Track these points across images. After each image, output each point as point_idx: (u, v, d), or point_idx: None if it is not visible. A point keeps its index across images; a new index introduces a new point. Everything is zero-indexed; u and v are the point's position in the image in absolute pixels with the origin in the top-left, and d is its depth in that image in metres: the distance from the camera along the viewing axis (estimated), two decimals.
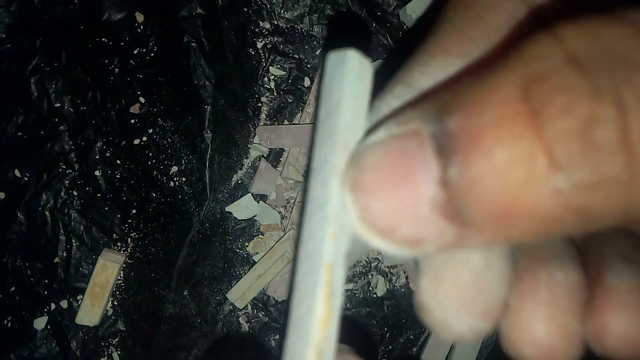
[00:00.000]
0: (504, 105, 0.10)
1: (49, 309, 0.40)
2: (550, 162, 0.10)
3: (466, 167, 0.11)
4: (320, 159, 0.13)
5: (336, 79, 0.13)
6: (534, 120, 0.10)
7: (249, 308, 0.43)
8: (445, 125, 0.11)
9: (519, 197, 0.10)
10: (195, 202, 0.42)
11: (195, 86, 0.42)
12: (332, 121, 0.13)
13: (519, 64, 0.11)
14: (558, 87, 0.10)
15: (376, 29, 0.45)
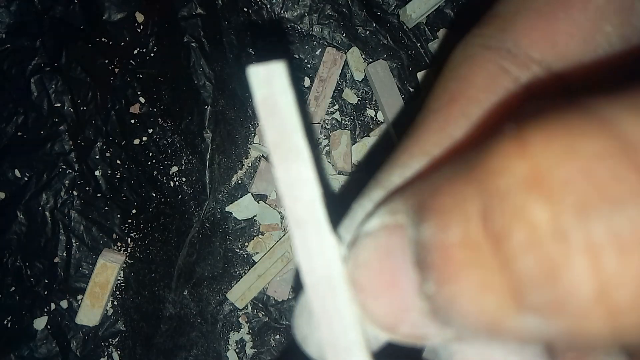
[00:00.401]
0: (467, 224, 0.09)
1: (49, 309, 0.40)
2: (519, 304, 0.09)
3: (439, 286, 0.10)
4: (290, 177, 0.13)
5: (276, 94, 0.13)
6: (495, 250, 0.09)
7: (249, 308, 0.43)
8: (419, 234, 0.10)
9: (498, 322, 0.09)
10: (195, 202, 0.42)
11: (195, 86, 0.42)
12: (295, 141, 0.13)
13: (479, 172, 0.09)
14: (516, 217, 0.08)
15: (376, 29, 0.45)
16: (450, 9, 0.46)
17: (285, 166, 0.13)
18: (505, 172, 0.09)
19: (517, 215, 0.08)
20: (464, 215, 0.09)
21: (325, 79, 0.44)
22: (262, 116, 0.13)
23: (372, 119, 0.45)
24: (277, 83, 0.13)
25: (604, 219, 0.08)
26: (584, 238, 0.08)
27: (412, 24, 0.45)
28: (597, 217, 0.08)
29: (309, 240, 0.13)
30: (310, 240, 0.13)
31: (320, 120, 0.44)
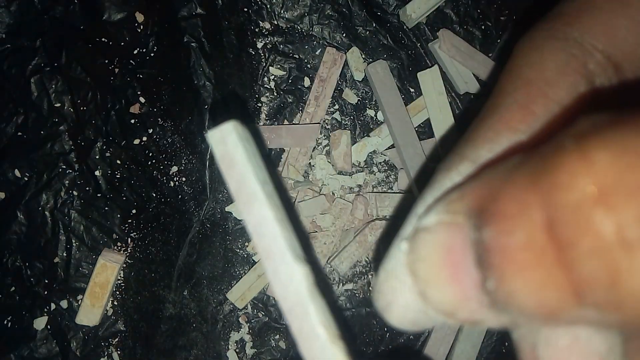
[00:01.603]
0: (531, 230, 0.10)
1: (49, 309, 0.40)
2: (578, 302, 0.10)
3: (501, 284, 0.11)
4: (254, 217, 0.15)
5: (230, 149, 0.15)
6: (560, 257, 0.10)
7: (249, 308, 0.43)
8: (481, 236, 0.11)
9: (557, 313, 0.10)
10: (195, 202, 0.42)
11: (195, 86, 0.42)
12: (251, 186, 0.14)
13: (544, 183, 0.10)
14: (584, 227, 0.09)
15: (376, 29, 0.45)
16: (450, 9, 0.46)
17: (248, 209, 0.14)
18: (572, 188, 0.09)
19: (584, 226, 0.09)
20: (529, 223, 0.10)
21: (325, 79, 0.44)
22: (222, 170, 0.15)
23: (372, 119, 0.45)
24: (230, 140, 0.14)
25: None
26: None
27: (412, 24, 0.45)
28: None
29: (278, 271, 0.14)
30: (280, 270, 0.14)
31: (320, 120, 0.44)
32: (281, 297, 0.14)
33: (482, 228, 0.11)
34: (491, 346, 0.45)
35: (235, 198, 0.15)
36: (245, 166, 0.14)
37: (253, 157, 0.15)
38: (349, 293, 0.44)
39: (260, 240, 0.14)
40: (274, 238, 0.14)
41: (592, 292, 0.09)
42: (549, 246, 0.10)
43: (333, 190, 0.44)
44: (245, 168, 0.14)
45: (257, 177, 0.14)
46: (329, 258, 0.43)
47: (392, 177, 0.45)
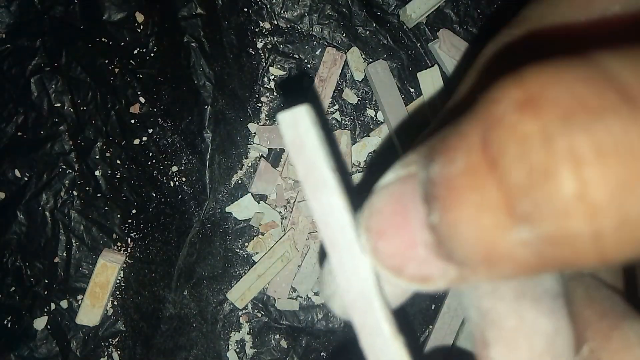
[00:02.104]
0: (469, 154, 0.10)
1: (49, 309, 0.40)
2: (511, 215, 0.10)
3: (443, 213, 0.11)
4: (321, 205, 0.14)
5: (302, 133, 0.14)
6: (492, 170, 0.10)
7: (249, 308, 0.43)
8: (429, 172, 0.11)
9: (494, 243, 0.10)
10: (195, 202, 0.42)
11: (195, 86, 0.42)
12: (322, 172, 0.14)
13: (480, 108, 0.10)
14: (511, 134, 0.10)
15: (376, 29, 0.45)
16: (450, 9, 0.46)
17: (315, 196, 0.14)
18: (502, 99, 0.10)
19: (510, 132, 0.09)
20: (467, 147, 0.10)
21: (325, 79, 0.44)
22: (292, 154, 0.14)
23: (372, 119, 0.45)
24: (302, 124, 0.14)
25: (585, 128, 0.09)
26: (567, 145, 0.09)
27: (412, 24, 0.45)
28: (579, 126, 0.09)
29: (343, 261, 0.14)
30: (345, 261, 0.14)
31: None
32: (344, 289, 0.14)
33: (430, 165, 0.11)
34: None
35: (303, 184, 0.14)
36: (317, 151, 0.14)
37: (323, 143, 0.14)
38: None
39: (326, 229, 0.14)
40: (342, 228, 0.14)
41: (521, 202, 0.09)
42: (484, 164, 0.10)
43: None
44: (317, 153, 0.14)
45: (329, 164, 0.14)
46: None
47: None
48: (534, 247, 0.10)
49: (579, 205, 0.09)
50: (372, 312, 0.14)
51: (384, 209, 0.13)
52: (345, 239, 0.14)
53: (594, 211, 0.09)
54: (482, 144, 0.10)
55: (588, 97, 0.09)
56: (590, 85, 0.09)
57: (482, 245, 0.10)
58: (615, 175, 0.09)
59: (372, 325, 0.14)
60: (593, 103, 0.09)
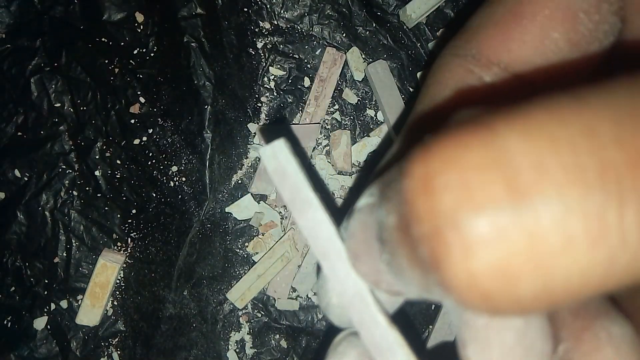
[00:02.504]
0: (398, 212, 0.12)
1: (49, 309, 0.40)
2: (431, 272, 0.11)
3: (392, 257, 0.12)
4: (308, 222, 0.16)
5: (283, 163, 0.16)
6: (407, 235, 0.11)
7: (249, 308, 0.43)
8: (381, 212, 0.13)
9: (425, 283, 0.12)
10: (195, 202, 0.42)
11: (195, 86, 0.42)
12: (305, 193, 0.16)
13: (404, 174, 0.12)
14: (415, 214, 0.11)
15: (376, 29, 0.45)
16: (450, 9, 0.46)
17: (302, 215, 0.16)
18: (409, 175, 0.11)
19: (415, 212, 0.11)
20: (397, 204, 0.12)
21: (325, 79, 0.44)
22: (276, 182, 0.16)
23: (372, 119, 0.45)
24: (281, 155, 0.16)
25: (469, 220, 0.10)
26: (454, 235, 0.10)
27: (412, 24, 0.45)
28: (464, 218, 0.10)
29: (335, 268, 0.15)
30: (336, 268, 0.15)
31: (320, 120, 0.44)
32: (340, 292, 0.15)
33: (383, 205, 0.13)
34: None
35: (290, 207, 0.16)
36: (298, 176, 0.16)
37: (302, 170, 0.16)
38: None
39: (316, 242, 0.16)
40: (330, 238, 0.15)
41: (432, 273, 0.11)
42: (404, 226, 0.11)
43: (333, 191, 0.44)
44: (298, 177, 0.16)
45: (310, 185, 0.16)
46: None
47: None
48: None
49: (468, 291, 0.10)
50: (367, 308, 0.15)
51: (356, 234, 0.14)
52: (334, 248, 0.15)
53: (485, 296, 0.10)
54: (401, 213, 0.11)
55: (476, 187, 0.10)
56: (481, 171, 0.10)
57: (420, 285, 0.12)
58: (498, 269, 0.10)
59: (369, 319, 0.15)
60: (479, 194, 0.10)
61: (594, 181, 0.09)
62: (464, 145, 0.10)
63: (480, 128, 0.10)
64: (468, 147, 0.10)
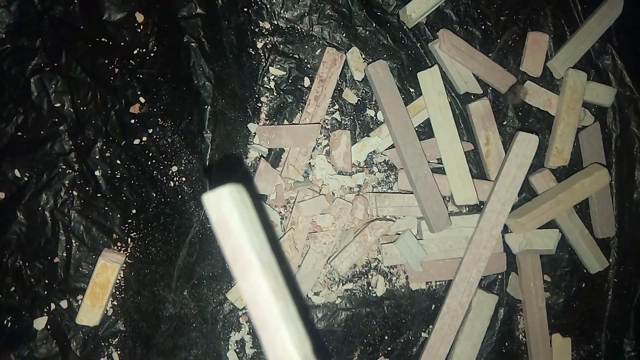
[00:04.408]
0: None
1: (49, 309, 0.40)
2: None
3: None
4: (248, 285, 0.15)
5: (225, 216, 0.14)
6: None
7: None
8: None
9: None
10: (195, 202, 0.42)
11: (195, 86, 0.42)
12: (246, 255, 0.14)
13: None
14: None
15: (376, 29, 0.45)
16: (450, 9, 0.46)
17: (242, 276, 0.14)
18: None
19: None
20: None
21: (325, 79, 0.44)
22: (218, 236, 0.15)
23: (372, 119, 0.45)
24: (224, 206, 0.14)
25: None
26: None
27: (412, 24, 0.45)
28: None
29: (273, 342, 0.14)
30: (275, 342, 0.14)
31: (320, 120, 0.44)
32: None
33: None
34: (491, 346, 0.45)
35: (231, 265, 0.15)
36: (240, 234, 0.14)
37: (249, 223, 0.15)
38: (348, 293, 0.44)
39: (255, 309, 0.14)
40: (269, 308, 0.14)
41: None
42: None
43: (333, 190, 0.44)
44: (240, 236, 0.14)
45: (253, 245, 0.14)
46: (329, 258, 0.43)
47: (392, 177, 0.45)
48: None
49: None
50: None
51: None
52: (273, 320, 0.14)
53: None
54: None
55: None
56: None
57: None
58: None
59: None
60: None
61: None
62: None
63: None
64: None
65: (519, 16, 0.47)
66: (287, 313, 0.14)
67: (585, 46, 0.47)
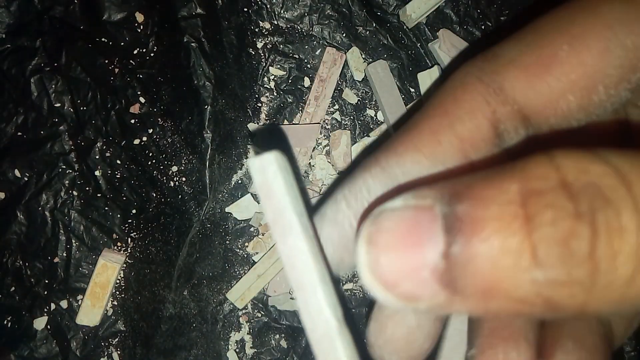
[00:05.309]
0: (506, 206, 0.13)
1: (49, 309, 0.40)
2: (533, 258, 0.12)
3: (467, 246, 0.13)
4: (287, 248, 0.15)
5: (269, 179, 0.15)
6: (527, 223, 0.12)
7: (249, 308, 0.43)
8: (455, 209, 0.13)
9: (503, 279, 0.13)
10: (195, 202, 0.42)
11: (195, 86, 0.42)
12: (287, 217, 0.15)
13: (521, 176, 0.13)
14: (550, 204, 0.13)
15: (376, 29, 0.45)
16: (450, 9, 0.46)
17: (282, 240, 0.15)
18: (544, 178, 0.13)
19: (551, 204, 0.12)
20: (505, 200, 0.13)
21: (325, 79, 0.44)
22: (261, 199, 0.15)
23: (372, 119, 0.45)
24: (269, 171, 0.15)
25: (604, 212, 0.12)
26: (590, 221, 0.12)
27: (412, 24, 0.45)
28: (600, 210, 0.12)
29: (308, 302, 0.15)
30: (310, 302, 0.15)
31: (320, 120, 0.44)
32: (309, 328, 0.15)
33: (457, 204, 0.14)
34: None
35: (271, 228, 0.15)
36: (284, 198, 0.15)
37: (291, 189, 0.15)
38: (349, 293, 0.44)
39: (293, 271, 0.15)
40: (307, 271, 0.15)
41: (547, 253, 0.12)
42: (520, 216, 0.13)
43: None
44: (284, 199, 0.15)
45: (295, 209, 0.15)
46: None
47: None
48: (538, 287, 0.12)
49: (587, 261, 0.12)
50: (334, 352, 0.14)
51: (395, 229, 0.14)
52: (310, 282, 0.15)
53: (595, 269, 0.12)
54: (522, 203, 0.13)
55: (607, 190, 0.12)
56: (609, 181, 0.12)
57: (491, 279, 0.13)
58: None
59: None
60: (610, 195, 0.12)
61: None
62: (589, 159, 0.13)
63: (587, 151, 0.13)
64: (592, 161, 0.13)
65: (518, 16, 0.47)
66: (323, 276, 0.15)
67: None
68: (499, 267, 0.13)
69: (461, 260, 0.13)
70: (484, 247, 0.13)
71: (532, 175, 0.13)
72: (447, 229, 0.13)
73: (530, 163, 0.13)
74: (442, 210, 0.14)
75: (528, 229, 0.12)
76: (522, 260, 0.12)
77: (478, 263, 0.13)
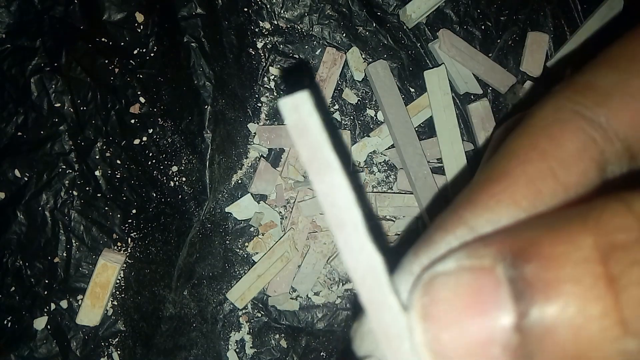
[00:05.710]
0: (584, 265, 0.11)
1: (49, 309, 0.40)
2: (622, 326, 0.11)
3: (543, 316, 0.11)
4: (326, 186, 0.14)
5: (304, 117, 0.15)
6: (611, 285, 0.11)
7: (249, 308, 0.43)
8: (523, 271, 0.12)
9: (589, 352, 0.11)
10: (195, 202, 0.42)
11: (195, 86, 0.42)
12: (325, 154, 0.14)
13: (596, 228, 0.11)
14: (637, 261, 0.11)
15: (376, 29, 0.45)
16: (450, 9, 0.46)
17: (319, 178, 0.14)
18: (625, 230, 0.11)
19: (637, 261, 0.11)
20: (583, 258, 0.11)
21: (325, 79, 0.44)
22: (294, 138, 0.15)
23: (372, 119, 0.45)
24: (304, 109, 0.14)
25: None
26: None
27: (412, 24, 0.45)
28: None
29: (349, 240, 0.14)
30: (351, 240, 0.14)
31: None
32: (351, 267, 0.14)
33: (523, 265, 0.12)
34: None
35: (307, 166, 0.14)
36: (320, 135, 0.14)
37: (323, 127, 0.15)
38: (348, 293, 0.44)
39: (332, 209, 0.14)
40: (347, 207, 0.14)
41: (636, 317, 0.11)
42: (602, 277, 0.11)
43: None
44: (320, 137, 0.14)
45: (331, 145, 0.14)
46: (329, 258, 0.43)
47: (392, 177, 0.45)
48: (630, 357, 0.11)
49: None
50: (380, 288, 0.14)
51: (454, 299, 0.12)
52: (351, 218, 0.14)
53: None
54: (602, 260, 0.11)
55: None
56: None
57: (574, 352, 0.11)
58: None
59: (380, 301, 0.14)
60: None
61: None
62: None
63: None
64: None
65: (519, 16, 0.47)
66: (362, 214, 0.14)
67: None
68: (583, 338, 0.11)
69: (538, 332, 0.11)
70: (564, 315, 0.11)
71: (610, 227, 0.11)
72: (516, 295, 0.12)
73: (606, 212, 0.11)
74: (507, 274, 0.12)
75: (614, 291, 0.11)
76: (610, 328, 0.11)
77: (558, 335, 0.11)
